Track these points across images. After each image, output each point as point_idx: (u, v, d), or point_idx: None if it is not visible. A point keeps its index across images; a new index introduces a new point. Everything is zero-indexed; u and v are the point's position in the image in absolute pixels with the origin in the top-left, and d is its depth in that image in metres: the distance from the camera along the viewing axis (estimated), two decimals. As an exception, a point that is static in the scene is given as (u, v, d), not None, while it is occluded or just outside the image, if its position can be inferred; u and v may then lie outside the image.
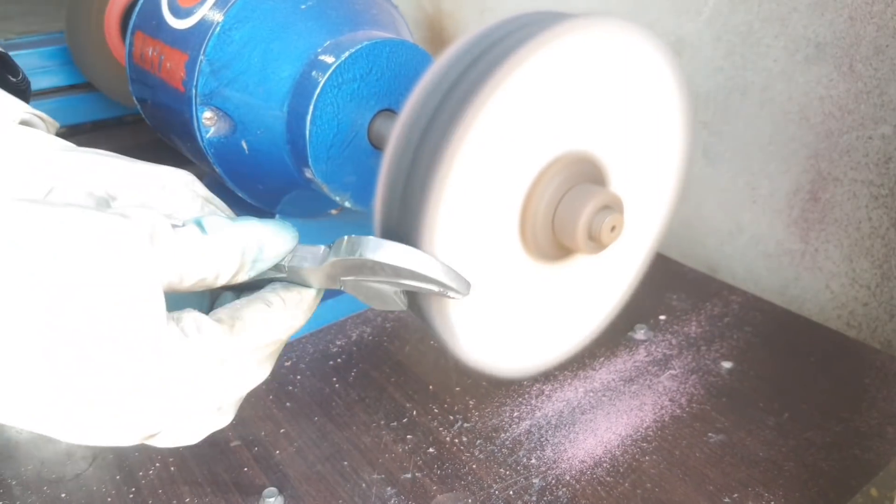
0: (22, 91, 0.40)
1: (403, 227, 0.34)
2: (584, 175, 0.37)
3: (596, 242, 0.36)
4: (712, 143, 0.73)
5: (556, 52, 0.34)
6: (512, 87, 0.33)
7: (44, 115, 0.38)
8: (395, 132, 0.34)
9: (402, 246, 0.31)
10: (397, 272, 0.31)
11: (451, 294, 0.32)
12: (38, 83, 0.84)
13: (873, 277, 0.63)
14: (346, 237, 0.32)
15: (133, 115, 0.65)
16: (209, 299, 0.35)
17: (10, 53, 0.46)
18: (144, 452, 0.45)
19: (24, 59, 0.81)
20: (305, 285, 0.33)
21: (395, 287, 0.32)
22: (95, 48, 0.75)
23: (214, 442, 0.46)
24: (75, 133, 0.95)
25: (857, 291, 0.64)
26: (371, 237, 0.32)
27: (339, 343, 0.56)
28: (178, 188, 0.34)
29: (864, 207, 0.62)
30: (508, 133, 0.34)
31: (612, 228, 0.35)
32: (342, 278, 0.32)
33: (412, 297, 0.34)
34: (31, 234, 0.25)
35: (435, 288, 0.32)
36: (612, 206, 0.36)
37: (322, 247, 0.33)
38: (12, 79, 0.41)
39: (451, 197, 0.33)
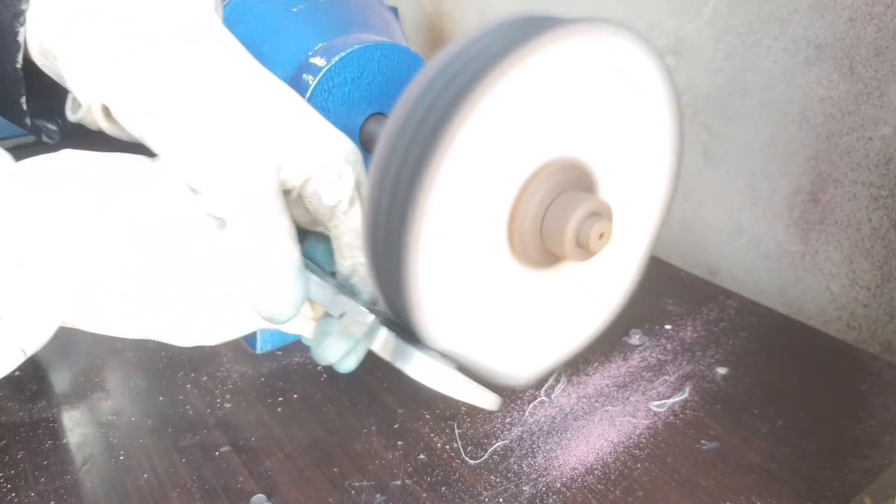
0: None
1: (390, 234, 0.34)
2: (573, 182, 0.36)
3: (584, 250, 0.35)
4: (712, 144, 0.72)
5: (545, 58, 0.33)
6: (500, 94, 0.32)
7: None
8: (383, 137, 0.34)
9: (440, 367, 0.35)
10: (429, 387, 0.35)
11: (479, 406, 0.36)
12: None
13: (873, 279, 0.62)
14: (387, 334, 0.35)
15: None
16: None
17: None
18: (134, 457, 0.45)
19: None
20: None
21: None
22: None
23: (204, 447, 0.46)
24: (75, 135, 0.95)
25: (857, 293, 0.64)
26: (413, 350, 0.35)
27: (332, 347, 0.55)
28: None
29: (864, 209, 0.62)
30: (496, 139, 0.33)
31: (601, 235, 0.35)
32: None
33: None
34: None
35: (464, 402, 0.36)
36: (601, 213, 0.35)
37: (370, 317, 0.36)
38: None
39: (438, 203, 0.32)
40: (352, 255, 0.39)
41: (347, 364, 0.38)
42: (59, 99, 0.43)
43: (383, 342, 0.35)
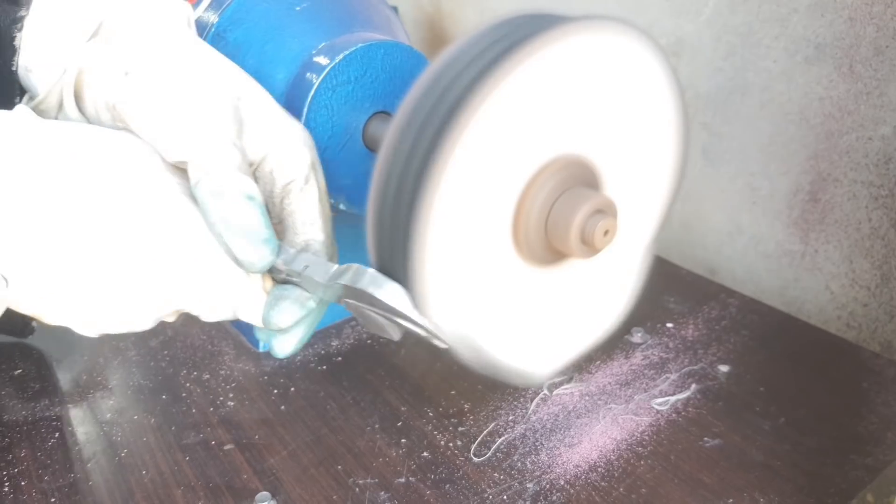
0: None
1: (395, 232, 0.34)
2: (578, 178, 0.36)
3: (589, 246, 0.36)
4: (712, 143, 0.73)
5: (549, 55, 0.33)
6: (505, 91, 0.32)
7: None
8: (388, 136, 0.34)
9: (401, 289, 0.34)
10: (392, 310, 0.34)
11: (436, 341, 0.35)
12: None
13: (873, 278, 0.62)
14: (354, 266, 0.35)
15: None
16: None
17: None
18: (138, 455, 0.45)
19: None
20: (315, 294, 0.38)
21: (390, 320, 0.35)
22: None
23: (207, 445, 0.46)
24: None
25: (856, 292, 0.64)
26: (376, 273, 0.35)
27: (334, 345, 0.56)
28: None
29: (863, 208, 0.62)
30: (501, 136, 0.34)
31: (605, 232, 0.35)
32: (345, 299, 0.36)
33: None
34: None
35: (423, 332, 0.35)
36: (605, 210, 0.35)
37: (334, 266, 0.36)
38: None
39: (444, 201, 0.32)
40: (304, 231, 0.40)
41: (292, 339, 0.39)
42: None
43: (354, 271, 0.35)
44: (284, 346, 0.39)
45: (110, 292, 0.35)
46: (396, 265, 0.34)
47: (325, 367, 0.53)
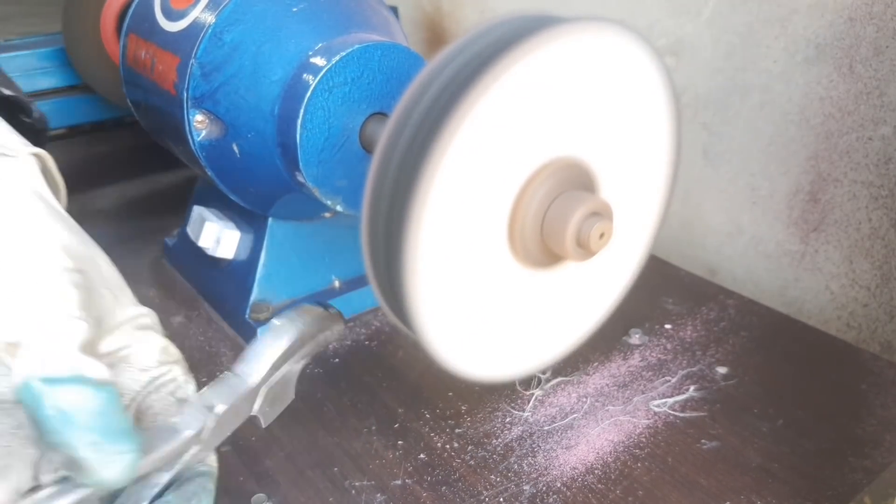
0: (38, 131, 0.38)
1: (390, 233, 0.34)
2: (573, 181, 0.36)
3: (584, 249, 0.35)
4: (712, 144, 0.72)
5: (545, 56, 0.33)
6: (499, 93, 0.32)
7: (46, 155, 0.37)
8: (383, 137, 0.34)
9: None
10: None
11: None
12: (37, 84, 0.84)
13: (873, 278, 0.62)
14: None
15: (132, 117, 0.66)
16: None
17: (10, 55, 0.45)
18: (135, 457, 0.45)
19: (23, 60, 0.81)
20: None
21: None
22: (92, 50, 0.74)
23: (204, 447, 0.46)
24: (74, 134, 0.95)
25: (856, 292, 0.64)
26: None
27: (331, 347, 0.55)
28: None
29: (863, 208, 0.62)
30: (496, 138, 0.33)
31: (601, 235, 0.35)
32: None
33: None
34: None
35: None
36: (601, 213, 0.35)
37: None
38: (26, 119, 0.39)
39: (438, 202, 0.32)
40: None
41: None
42: None
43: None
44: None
45: None
46: (390, 268, 0.34)
47: (322, 369, 0.53)
